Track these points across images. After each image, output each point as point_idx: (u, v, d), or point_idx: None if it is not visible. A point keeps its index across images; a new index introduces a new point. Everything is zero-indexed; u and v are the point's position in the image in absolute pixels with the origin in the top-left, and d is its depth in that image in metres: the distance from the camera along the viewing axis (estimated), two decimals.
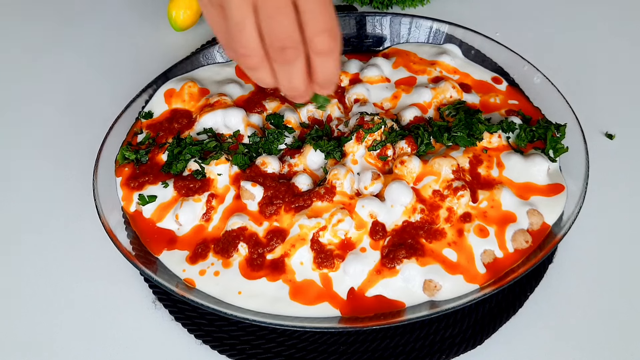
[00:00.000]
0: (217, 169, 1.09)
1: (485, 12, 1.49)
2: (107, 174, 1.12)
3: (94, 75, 1.40)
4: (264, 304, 1.00)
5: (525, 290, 1.07)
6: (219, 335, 1.04)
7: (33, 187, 1.23)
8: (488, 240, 1.03)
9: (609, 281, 1.10)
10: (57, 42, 1.47)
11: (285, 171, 1.11)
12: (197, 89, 1.22)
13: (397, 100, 1.21)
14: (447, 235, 1.04)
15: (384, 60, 1.27)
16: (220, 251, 1.04)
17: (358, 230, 1.04)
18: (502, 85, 1.25)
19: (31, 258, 1.14)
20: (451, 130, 1.14)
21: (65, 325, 1.08)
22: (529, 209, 1.06)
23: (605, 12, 1.50)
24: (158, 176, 1.11)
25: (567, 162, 1.12)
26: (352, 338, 1.04)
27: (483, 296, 0.98)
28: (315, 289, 1.01)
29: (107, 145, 1.14)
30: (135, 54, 1.43)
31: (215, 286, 1.02)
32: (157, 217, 1.09)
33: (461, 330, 1.04)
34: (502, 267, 1.02)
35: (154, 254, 1.06)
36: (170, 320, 1.07)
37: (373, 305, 1.00)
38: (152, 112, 1.21)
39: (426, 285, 1.00)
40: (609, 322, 1.06)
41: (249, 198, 1.07)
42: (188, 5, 1.40)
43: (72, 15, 1.52)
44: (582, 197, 1.06)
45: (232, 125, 1.15)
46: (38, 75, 1.41)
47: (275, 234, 1.05)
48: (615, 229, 1.16)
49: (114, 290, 1.11)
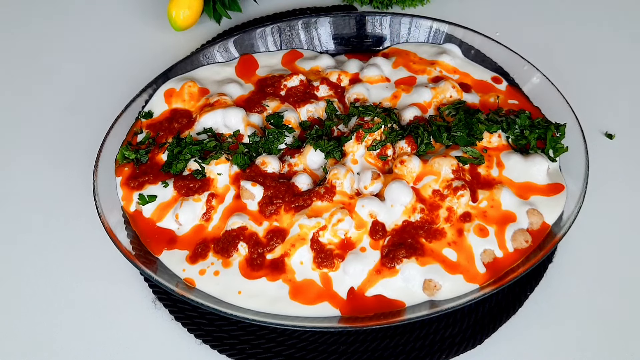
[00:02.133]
0: (217, 168, 1.09)
1: (485, 12, 1.49)
2: (107, 173, 1.12)
3: (94, 75, 1.40)
4: (264, 303, 1.00)
5: (525, 290, 1.07)
6: (219, 335, 1.04)
7: (33, 187, 1.23)
8: (488, 240, 1.03)
9: (609, 281, 1.10)
10: (56, 41, 1.47)
11: (285, 171, 1.12)
12: (197, 88, 1.22)
13: (397, 100, 1.21)
14: (447, 235, 1.04)
15: (383, 60, 1.27)
16: (220, 251, 1.04)
17: (358, 230, 1.05)
18: (502, 85, 1.25)
19: (31, 258, 1.15)
20: (451, 130, 1.14)
21: (65, 325, 1.08)
22: (528, 208, 1.06)
23: (605, 12, 1.50)
24: (158, 176, 1.11)
25: (567, 162, 1.12)
26: (352, 338, 1.04)
27: (483, 296, 0.98)
28: (315, 288, 1.01)
29: (107, 145, 1.14)
30: (135, 54, 1.43)
31: (215, 286, 1.02)
32: (157, 216, 1.09)
33: (461, 329, 1.04)
34: (502, 267, 1.02)
35: (154, 254, 1.06)
36: (170, 320, 1.07)
37: (373, 304, 1.00)
38: (152, 111, 1.21)
39: (426, 285, 1.00)
40: (609, 321, 1.06)
41: (249, 198, 1.07)
42: (188, 5, 1.40)
43: (71, 14, 1.53)
44: (582, 197, 1.06)
45: (232, 125, 1.15)
46: (38, 76, 1.41)
47: (275, 234, 1.05)
48: (615, 228, 1.16)
49: (114, 290, 1.11)
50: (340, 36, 1.34)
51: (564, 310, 1.08)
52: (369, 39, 1.34)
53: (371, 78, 1.24)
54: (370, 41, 1.34)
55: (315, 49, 1.33)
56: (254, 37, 1.31)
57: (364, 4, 1.48)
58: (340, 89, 1.24)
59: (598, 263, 1.12)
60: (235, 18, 1.48)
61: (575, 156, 1.11)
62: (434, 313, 0.97)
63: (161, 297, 1.08)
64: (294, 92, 1.22)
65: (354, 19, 1.32)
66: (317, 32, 1.33)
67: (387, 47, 1.33)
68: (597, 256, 1.13)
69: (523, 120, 1.15)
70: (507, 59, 1.26)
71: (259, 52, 1.31)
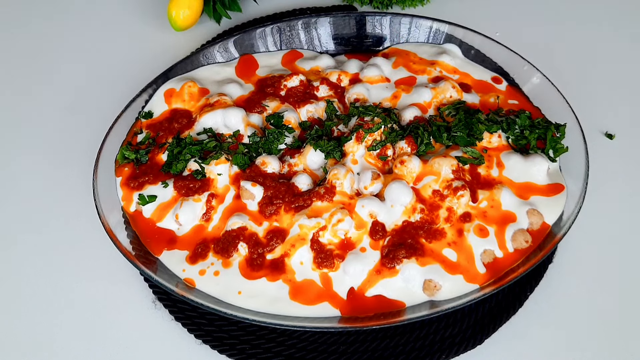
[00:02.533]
0: (217, 168, 1.09)
1: (485, 12, 1.49)
2: (107, 173, 1.12)
3: (94, 75, 1.40)
4: (264, 303, 1.00)
5: (525, 290, 1.07)
6: (219, 335, 1.04)
7: (33, 187, 1.23)
8: (488, 240, 1.03)
9: (609, 281, 1.10)
10: (56, 42, 1.47)
11: (285, 171, 1.12)
12: (197, 88, 1.22)
13: (397, 100, 1.21)
14: (447, 235, 1.04)
15: (383, 60, 1.27)
16: (220, 251, 1.04)
17: (358, 230, 1.05)
18: (502, 85, 1.25)
19: (31, 258, 1.15)
20: (451, 130, 1.13)
21: (65, 325, 1.08)
22: (528, 208, 1.06)
23: (605, 12, 1.50)
24: (158, 176, 1.11)
25: (567, 162, 1.12)
26: (352, 338, 1.04)
27: (483, 296, 0.98)
28: (315, 288, 1.01)
29: (107, 145, 1.14)
30: (135, 54, 1.43)
31: (215, 286, 1.02)
32: (157, 216, 1.09)
33: (461, 330, 1.04)
34: (502, 267, 1.02)
35: (154, 254, 1.06)
36: (170, 320, 1.07)
37: (373, 305, 1.00)
38: (152, 112, 1.21)
39: (426, 285, 1.00)
40: (609, 321, 1.06)
41: (249, 198, 1.07)
42: (188, 5, 1.40)
43: (71, 14, 1.53)
44: (582, 197, 1.06)
45: (232, 125, 1.15)
46: (38, 76, 1.41)
47: (275, 234, 1.05)
48: (615, 229, 1.16)
49: (114, 290, 1.11)
50: (340, 36, 1.34)
51: (564, 310, 1.08)
52: (369, 39, 1.34)
53: (371, 78, 1.24)
54: (370, 41, 1.34)
55: (315, 49, 1.33)
56: (254, 37, 1.31)
57: (364, 4, 1.48)
58: (340, 89, 1.24)
59: (598, 263, 1.12)
60: (235, 18, 1.48)
61: (575, 156, 1.11)
62: (434, 313, 0.97)
63: (161, 297, 1.08)
64: (294, 92, 1.22)
65: (353, 19, 1.32)
66: (317, 32, 1.33)
67: (387, 47, 1.33)
68: (597, 256, 1.13)
69: (523, 120, 1.15)
70: (507, 59, 1.26)
71: (259, 52, 1.31)
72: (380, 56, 1.29)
